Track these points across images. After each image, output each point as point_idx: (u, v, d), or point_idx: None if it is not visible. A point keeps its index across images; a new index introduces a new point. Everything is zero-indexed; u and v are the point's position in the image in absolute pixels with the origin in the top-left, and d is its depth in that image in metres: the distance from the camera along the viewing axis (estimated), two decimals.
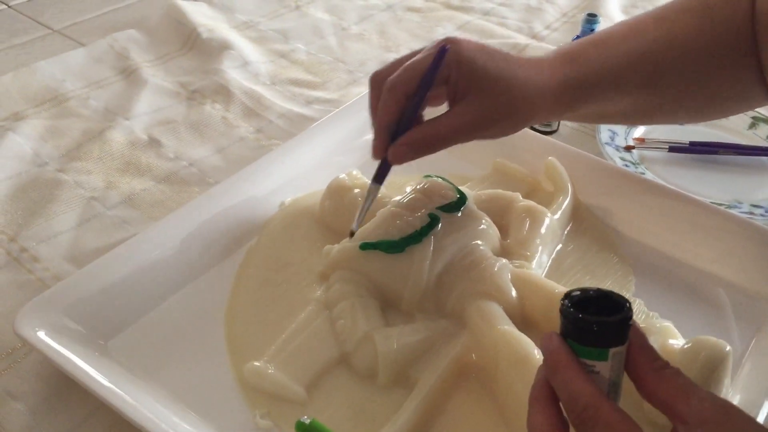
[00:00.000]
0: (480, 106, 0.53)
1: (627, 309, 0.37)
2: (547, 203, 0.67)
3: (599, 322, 0.36)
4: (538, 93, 0.55)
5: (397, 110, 0.54)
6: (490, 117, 0.54)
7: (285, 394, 0.52)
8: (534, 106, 0.55)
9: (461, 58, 0.53)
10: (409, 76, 0.53)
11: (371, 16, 1.06)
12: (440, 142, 0.54)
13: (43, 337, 0.51)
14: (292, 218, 0.67)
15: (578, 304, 0.37)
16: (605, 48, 0.57)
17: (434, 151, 0.55)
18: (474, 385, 0.53)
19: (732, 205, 0.72)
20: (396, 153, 0.54)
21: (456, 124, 0.54)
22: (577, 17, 1.09)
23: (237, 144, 0.79)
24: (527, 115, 0.56)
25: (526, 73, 0.55)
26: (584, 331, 0.37)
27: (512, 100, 0.54)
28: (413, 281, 0.56)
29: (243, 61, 0.92)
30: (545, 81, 0.55)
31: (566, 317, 0.37)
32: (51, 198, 0.69)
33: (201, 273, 0.61)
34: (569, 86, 0.56)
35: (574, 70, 0.56)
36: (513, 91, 0.54)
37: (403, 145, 0.54)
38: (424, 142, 0.54)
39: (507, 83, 0.54)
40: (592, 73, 0.56)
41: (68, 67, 0.89)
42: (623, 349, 0.37)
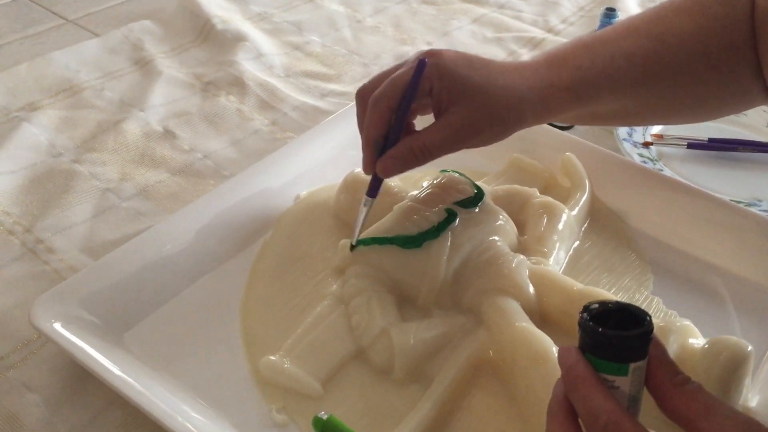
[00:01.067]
0: (463, 117, 0.54)
1: (647, 323, 0.36)
2: (563, 199, 0.66)
3: (620, 337, 0.36)
4: (521, 99, 0.55)
5: (383, 124, 0.54)
6: (474, 127, 0.54)
7: (301, 389, 0.51)
8: (518, 112, 0.55)
9: (442, 71, 0.53)
10: (392, 90, 0.54)
11: (386, 8, 1.06)
12: (426, 154, 0.54)
13: (59, 328, 0.51)
14: (307, 211, 0.66)
15: (597, 317, 0.37)
16: (596, 49, 0.57)
17: (421, 163, 0.55)
18: (491, 382, 0.52)
19: (751, 203, 0.71)
20: (384, 167, 0.55)
21: (441, 137, 0.54)
22: (593, 11, 1.08)
23: (252, 136, 0.78)
24: (512, 121, 0.55)
25: (507, 81, 0.55)
26: (604, 345, 0.36)
27: (495, 109, 0.54)
28: (430, 277, 0.56)
29: (257, 52, 0.91)
30: (529, 86, 0.55)
31: (585, 331, 0.37)
32: (66, 189, 0.69)
33: (216, 265, 0.61)
34: (557, 90, 0.56)
35: (563, 73, 0.56)
36: (495, 100, 0.54)
37: (390, 158, 0.55)
38: (410, 154, 0.54)
39: (489, 92, 0.54)
40: (579, 76, 0.56)
41: (83, 57, 0.89)
42: (643, 364, 0.36)
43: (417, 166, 0.55)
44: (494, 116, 0.54)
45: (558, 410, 0.38)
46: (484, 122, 0.54)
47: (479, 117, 0.54)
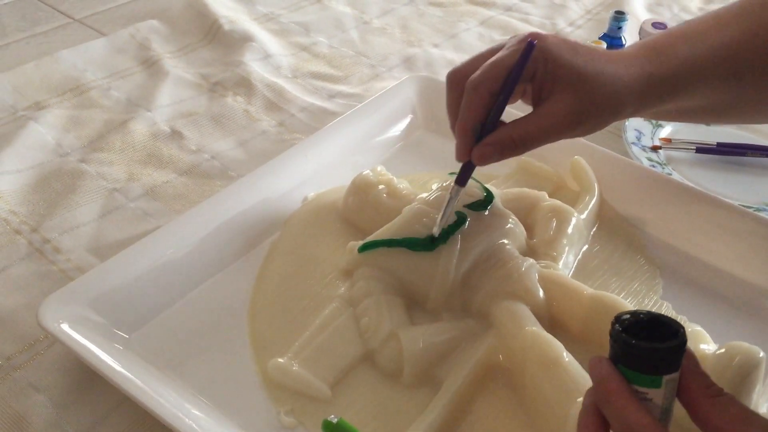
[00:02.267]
0: (567, 105, 0.51)
1: (681, 334, 0.36)
2: (572, 202, 0.66)
3: (654, 349, 0.35)
4: (625, 89, 0.53)
5: (483, 110, 0.52)
6: (577, 116, 0.52)
7: (309, 392, 0.51)
8: (620, 102, 0.53)
9: (547, 55, 0.51)
10: (494, 74, 0.51)
11: (393, 10, 1.05)
12: (528, 142, 0.52)
13: (67, 329, 0.51)
14: (315, 213, 0.66)
15: (629, 328, 0.36)
16: (690, 41, 0.55)
17: (521, 152, 0.53)
18: (500, 386, 0.52)
19: (760, 208, 0.71)
20: (482, 154, 0.52)
21: (543, 125, 0.52)
22: (601, 14, 1.08)
23: (259, 137, 0.78)
24: (614, 111, 0.53)
25: (612, 69, 0.53)
26: (638, 358, 0.36)
27: (600, 98, 0.52)
28: (439, 280, 0.55)
29: (264, 53, 0.91)
30: (632, 76, 0.53)
31: (618, 343, 0.36)
32: (73, 189, 0.69)
33: (224, 267, 0.61)
34: (656, 81, 0.54)
35: (662, 63, 0.54)
36: (601, 89, 0.52)
37: (489, 145, 0.52)
38: (511, 142, 0.52)
39: (593, 80, 0.52)
40: (679, 67, 0.54)
41: (90, 56, 0.89)
42: (677, 376, 0.36)
43: (515, 155, 0.53)
44: (598, 106, 0.52)
45: (589, 422, 0.37)
46: (587, 112, 0.52)
47: (583, 106, 0.52)
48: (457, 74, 0.54)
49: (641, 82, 0.53)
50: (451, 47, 0.97)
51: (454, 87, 0.54)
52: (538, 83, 0.52)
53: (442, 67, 0.92)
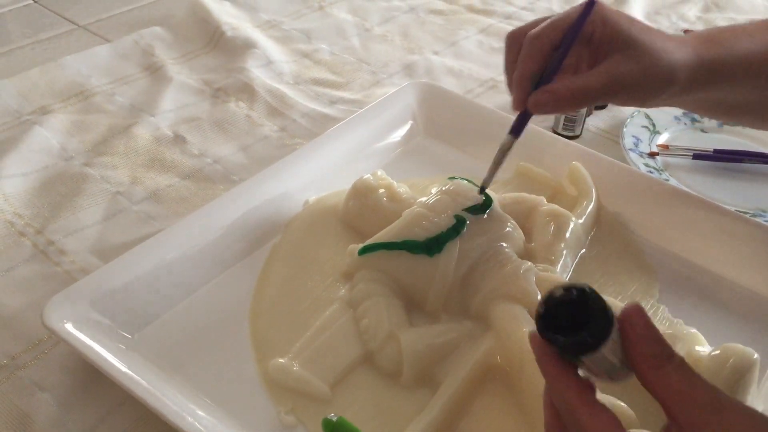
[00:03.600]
0: (624, 66, 0.52)
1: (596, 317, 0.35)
2: (570, 208, 0.67)
3: (564, 345, 0.36)
4: (677, 63, 0.54)
5: (541, 60, 0.53)
6: (633, 78, 0.53)
7: (309, 392, 0.52)
8: (673, 75, 0.54)
9: (606, 19, 0.53)
10: (553, 29, 0.53)
11: (394, 17, 1.06)
12: (585, 95, 0.52)
13: (71, 329, 0.52)
14: (316, 217, 0.67)
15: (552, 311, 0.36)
16: (742, 36, 0.57)
17: (575, 105, 0.53)
18: (498, 387, 0.53)
19: (756, 214, 0.72)
20: (538, 100, 0.53)
21: (600, 81, 0.52)
22: None
23: (261, 142, 0.79)
24: (666, 81, 0.54)
25: (666, 44, 0.54)
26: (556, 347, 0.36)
27: (654, 66, 0.53)
28: (438, 282, 0.56)
29: (267, 60, 0.92)
30: (684, 54, 0.54)
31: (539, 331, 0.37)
32: (77, 192, 0.70)
33: (226, 269, 0.62)
34: (706, 64, 0.55)
35: (712, 50, 0.55)
36: (655, 58, 0.53)
37: (546, 92, 0.53)
38: (568, 92, 0.52)
39: (650, 48, 0.53)
40: (729, 57, 0.55)
41: (94, 62, 0.90)
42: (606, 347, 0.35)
43: (569, 109, 0.54)
44: (652, 72, 0.53)
45: (548, 400, 0.39)
46: (643, 75, 0.53)
47: (639, 70, 0.53)
48: (516, 33, 0.56)
49: (692, 62, 0.54)
50: (451, 54, 0.98)
51: (513, 45, 0.56)
52: (595, 45, 0.54)
53: (442, 74, 0.93)
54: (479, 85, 0.92)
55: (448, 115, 0.79)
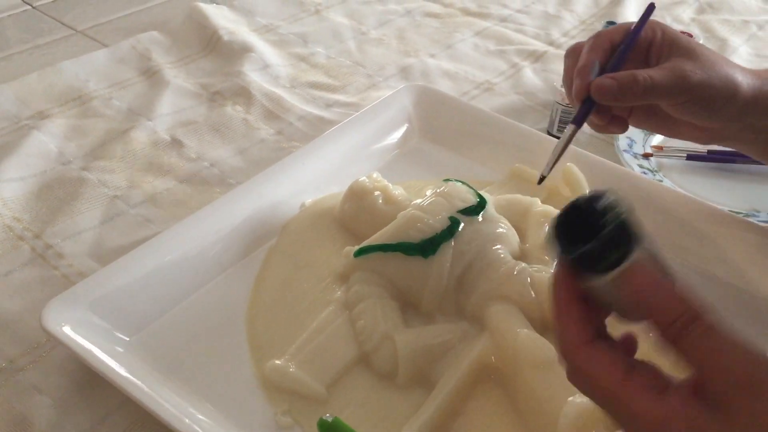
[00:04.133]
0: (689, 66, 0.53)
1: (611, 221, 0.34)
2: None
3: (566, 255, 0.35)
4: (739, 78, 0.54)
5: (603, 54, 0.55)
6: (696, 77, 0.53)
7: (305, 393, 0.52)
8: (735, 87, 0.54)
9: (665, 29, 0.55)
10: (616, 29, 0.56)
11: (390, 21, 1.07)
12: (649, 86, 0.52)
13: (69, 332, 0.52)
14: (312, 219, 0.67)
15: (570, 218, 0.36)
16: None
17: (638, 97, 0.53)
18: (493, 387, 0.53)
19: (750, 214, 0.72)
20: (602, 83, 0.53)
21: (665, 75, 0.53)
22: (594, 25, 1.09)
23: (257, 145, 0.80)
24: (727, 92, 0.54)
25: (728, 62, 0.55)
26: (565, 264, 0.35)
27: (716, 70, 0.54)
28: (433, 283, 0.57)
29: (263, 63, 0.93)
30: (747, 73, 0.55)
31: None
32: (75, 196, 0.71)
33: (223, 271, 0.62)
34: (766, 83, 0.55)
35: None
36: (717, 65, 0.54)
37: (611, 77, 0.53)
38: (634, 80, 0.52)
39: (710, 58, 0.54)
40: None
41: (92, 67, 0.90)
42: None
43: (632, 99, 0.53)
44: (715, 77, 0.53)
45: None
46: (707, 78, 0.53)
47: (702, 72, 0.53)
48: (575, 46, 0.57)
49: (757, 79, 0.55)
50: (447, 57, 0.99)
51: (572, 56, 0.57)
52: (658, 47, 0.55)
53: (438, 77, 0.94)
54: (475, 88, 0.92)
55: (443, 117, 0.79)
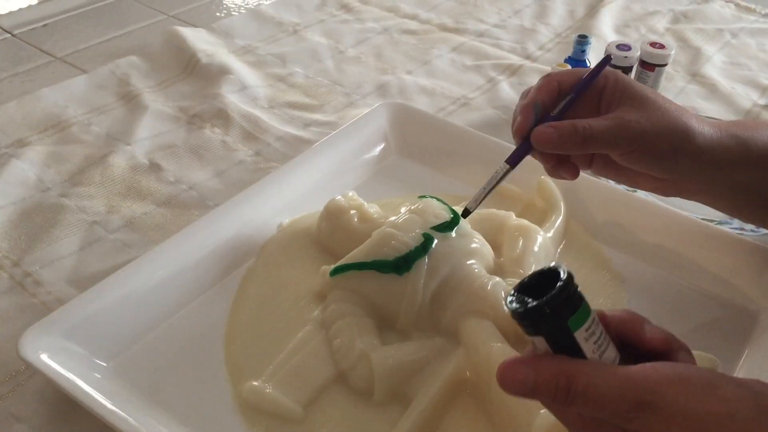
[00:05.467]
0: (632, 115, 0.53)
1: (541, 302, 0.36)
2: (540, 222, 0.68)
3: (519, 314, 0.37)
4: (693, 128, 0.53)
5: (547, 95, 0.55)
6: (640, 127, 0.52)
7: (282, 413, 0.53)
8: (685, 136, 0.53)
9: (618, 77, 0.55)
10: (568, 73, 0.56)
11: (368, 39, 1.08)
12: (588, 137, 0.52)
13: (46, 359, 0.53)
14: (290, 239, 0.68)
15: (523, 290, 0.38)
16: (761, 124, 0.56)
17: (578, 146, 0.53)
18: (469, 401, 0.54)
19: (722, 222, 0.73)
20: (541, 132, 0.53)
21: (607, 125, 0.52)
22: (569, 38, 1.11)
23: (236, 167, 0.80)
24: (674, 143, 0.53)
25: (682, 110, 0.54)
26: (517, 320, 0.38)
27: (664, 119, 0.53)
28: (408, 300, 0.57)
29: (242, 85, 0.93)
30: (702, 122, 0.54)
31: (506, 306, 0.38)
32: (54, 223, 0.71)
33: (200, 294, 0.63)
34: (731, 137, 0.54)
35: (739, 127, 0.55)
36: (666, 114, 0.53)
37: (551, 127, 0.53)
38: (573, 130, 0.52)
39: (661, 106, 0.53)
40: (760, 135, 0.54)
41: (71, 93, 0.91)
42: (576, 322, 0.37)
43: (572, 148, 0.53)
44: (662, 127, 0.52)
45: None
46: (650, 127, 0.52)
47: (647, 122, 0.52)
48: (530, 88, 0.58)
49: (714, 134, 0.54)
50: (424, 73, 1.00)
51: (524, 96, 0.58)
52: (608, 96, 0.55)
53: (414, 94, 0.95)
54: (451, 103, 0.93)
55: (419, 134, 0.80)
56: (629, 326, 0.40)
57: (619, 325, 0.40)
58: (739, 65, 1.06)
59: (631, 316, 0.41)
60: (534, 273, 0.39)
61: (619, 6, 1.20)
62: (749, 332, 0.61)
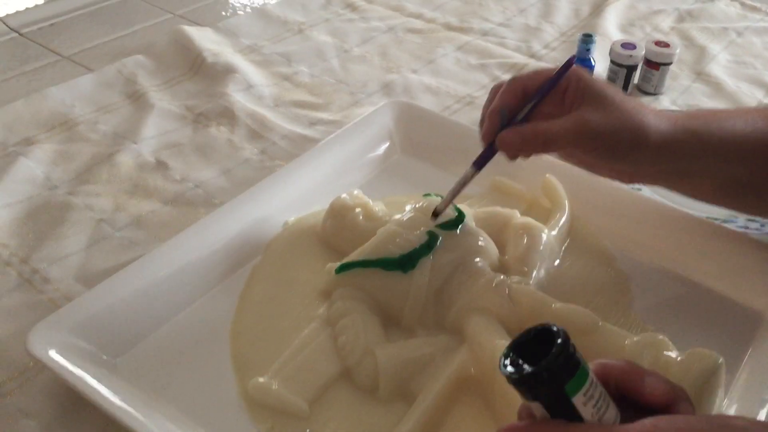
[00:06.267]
0: (592, 115, 0.55)
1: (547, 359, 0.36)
2: (544, 220, 0.68)
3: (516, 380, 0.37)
4: (649, 124, 0.55)
5: (513, 100, 0.57)
6: (598, 127, 0.55)
7: (288, 409, 0.53)
8: (641, 133, 0.55)
9: (581, 77, 0.57)
10: (532, 76, 0.57)
11: (373, 38, 1.08)
12: (549, 139, 0.55)
13: (54, 355, 0.53)
14: (295, 237, 0.68)
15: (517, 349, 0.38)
16: (732, 115, 0.59)
17: (540, 149, 0.56)
18: (473, 398, 0.54)
19: (727, 220, 0.73)
20: (504, 137, 0.56)
21: (566, 127, 0.55)
22: (574, 37, 1.11)
23: (242, 165, 0.81)
24: (632, 139, 0.55)
25: (640, 108, 0.56)
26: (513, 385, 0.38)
27: (622, 118, 0.55)
28: (413, 298, 0.57)
29: (247, 84, 0.94)
30: (659, 120, 0.56)
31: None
32: (61, 220, 0.71)
33: (207, 291, 0.63)
34: (687, 133, 0.56)
35: (696, 122, 0.57)
36: (624, 113, 0.55)
37: (514, 131, 0.56)
38: (533, 134, 0.55)
39: (620, 105, 0.55)
40: (718, 129, 0.57)
41: (78, 92, 0.91)
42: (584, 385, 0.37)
43: (535, 150, 0.56)
44: (620, 126, 0.55)
45: None
46: (609, 127, 0.55)
47: (606, 121, 0.55)
48: (498, 83, 0.59)
49: (668, 128, 0.56)
50: (429, 72, 1.00)
51: (492, 94, 0.59)
52: (569, 99, 0.57)
53: (420, 92, 0.95)
54: (456, 102, 0.93)
55: (424, 132, 0.81)
56: (629, 377, 0.40)
57: (619, 376, 0.40)
58: (744, 64, 1.06)
59: (631, 368, 0.41)
60: (528, 330, 0.38)
61: (624, 5, 1.20)
62: (753, 330, 0.61)
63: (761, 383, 0.55)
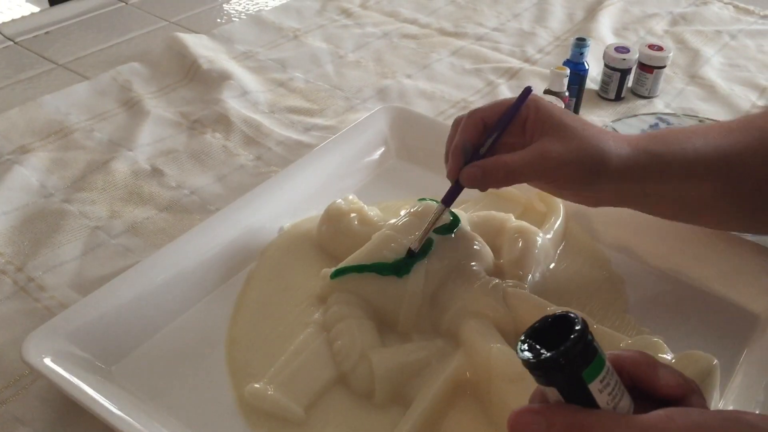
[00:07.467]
0: (552, 146, 0.56)
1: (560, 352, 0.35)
2: (540, 224, 0.69)
3: (532, 365, 0.37)
4: (609, 151, 0.56)
5: (474, 134, 0.58)
6: (560, 158, 0.55)
7: (284, 415, 0.53)
8: (602, 161, 0.56)
9: (539, 106, 0.57)
10: (491, 108, 0.58)
11: (368, 43, 1.09)
12: (510, 172, 0.56)
13: (49, 363, 0.53)
14: (291, 243, 0.68)
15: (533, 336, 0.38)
16: (693, 135, 0.59)
17: (502, 181, 0.57)
18: (469, 402, 0.54)
19: None
20: (467, 173, 0.57)
21: (527, 159, 0.56)
22: (568, 41, 1.11)
23: (237, 172, 0.81)
24: (593, 168, 0.56)
25: (600, 135, 0.57)
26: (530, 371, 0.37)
27: (582, 147, 0.56)
28: (408, 302, 0.58)
29: (242, 90, 0.94)
30: (619, 146, 0.57)
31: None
32: (57, 228, 0.71)
33: (202, 298, 0.63)
34: (649, 156, 0.57)
35: (657, 144, 0.58)
36: (584, 141, 0.56)
37: (476, 167, 0.57)
38: (495, 169, 0.56)
39: (579, 134, 0.56)
40: (680, 150, 0.57)
41: (73, 100, 0.91)
42: (601, 372, 0.37)
43: (499, 184, 0.57)
44: (580, 156, 0.55)
45: None
46: (569, 157, 0.55)
47: (566, 151, 0.55)
48: (461, 116, 0.60)
49: (628, 153, 0.57)
50: (424, 77, 1.00)
51: (455, 126, 0.60)
52: (530, 128, 0.57)
53: (414, 97, 0.95)
54: (451, 107, 0.94)
55: (419, 137, 0.81)
56: (643, 369, 0.40)
57: (633, 367, 0.40)
58: (738, 67, 1.06)
59: (645, 359, 0.41)
60: (545, 317, 0.38)
61: (617, 9, 1.21)
62: (749, 333, 0.62)
63: (756, 385, 0.55)
